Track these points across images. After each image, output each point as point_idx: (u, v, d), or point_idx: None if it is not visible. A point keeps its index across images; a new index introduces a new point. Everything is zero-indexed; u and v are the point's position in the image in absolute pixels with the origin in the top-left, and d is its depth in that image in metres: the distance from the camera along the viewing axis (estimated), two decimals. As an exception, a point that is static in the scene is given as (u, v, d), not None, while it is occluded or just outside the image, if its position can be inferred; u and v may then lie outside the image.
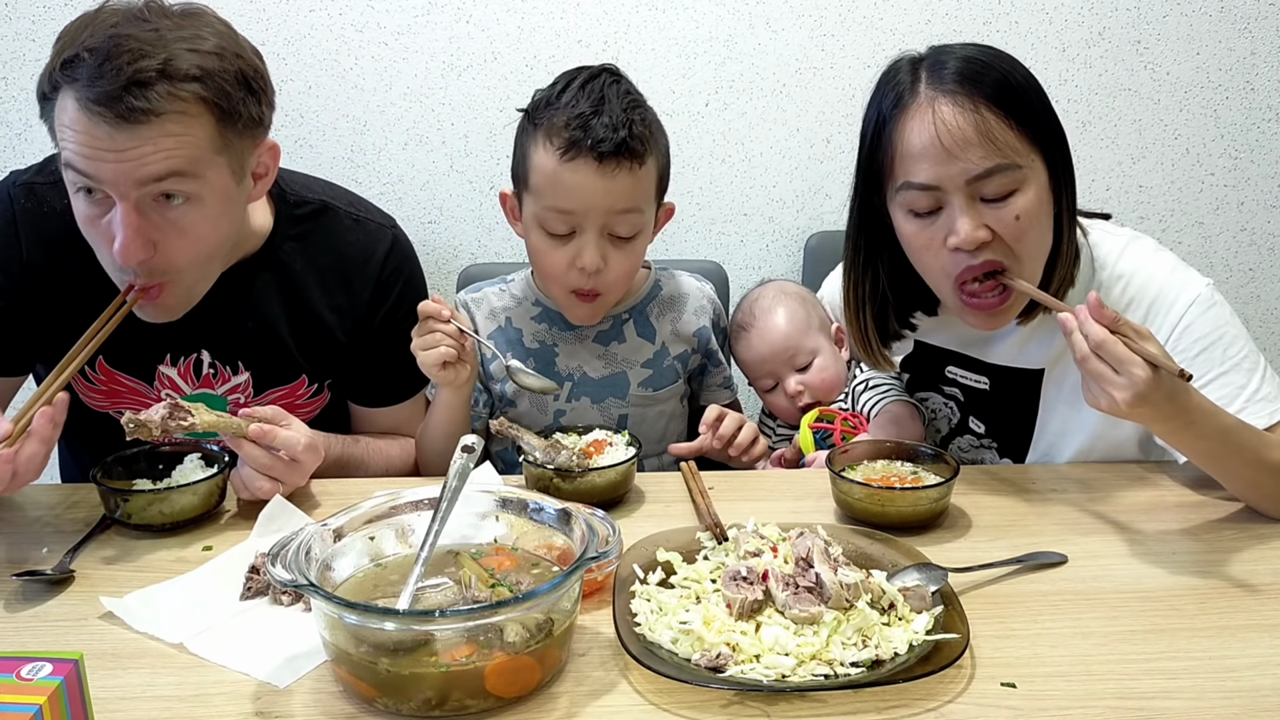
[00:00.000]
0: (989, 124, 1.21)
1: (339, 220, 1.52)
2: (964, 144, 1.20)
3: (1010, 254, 1.25)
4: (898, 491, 1.22)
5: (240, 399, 1.49)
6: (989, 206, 1.23)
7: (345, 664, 0.89)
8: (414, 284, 1.56)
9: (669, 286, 1.61)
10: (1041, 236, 1.27)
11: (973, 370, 1.46)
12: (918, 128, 1.23)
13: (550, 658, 0.92)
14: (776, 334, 1.63)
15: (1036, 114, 1.24)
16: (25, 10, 2.00)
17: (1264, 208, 2.21)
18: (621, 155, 1.38)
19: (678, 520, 1.23)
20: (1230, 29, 2.09)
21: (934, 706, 0.89)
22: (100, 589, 1.08)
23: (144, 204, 1.21)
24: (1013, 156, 1.21)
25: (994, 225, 1.23)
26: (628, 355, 1.56)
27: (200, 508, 1.24)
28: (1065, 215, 1.29)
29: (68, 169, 1.22)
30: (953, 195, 1.23)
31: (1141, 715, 0.88)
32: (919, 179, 1.23)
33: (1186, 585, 1.10)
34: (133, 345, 1.42)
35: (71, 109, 1.17)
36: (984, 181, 1.22)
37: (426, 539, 0.99)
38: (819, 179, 2.15)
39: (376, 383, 1.57)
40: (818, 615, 0.96)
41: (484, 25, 2.04)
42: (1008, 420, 1.46)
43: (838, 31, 2.07)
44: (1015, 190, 1.23)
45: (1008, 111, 1.21)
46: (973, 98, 1.21)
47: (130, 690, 0.93)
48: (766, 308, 1.65)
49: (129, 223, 1.20)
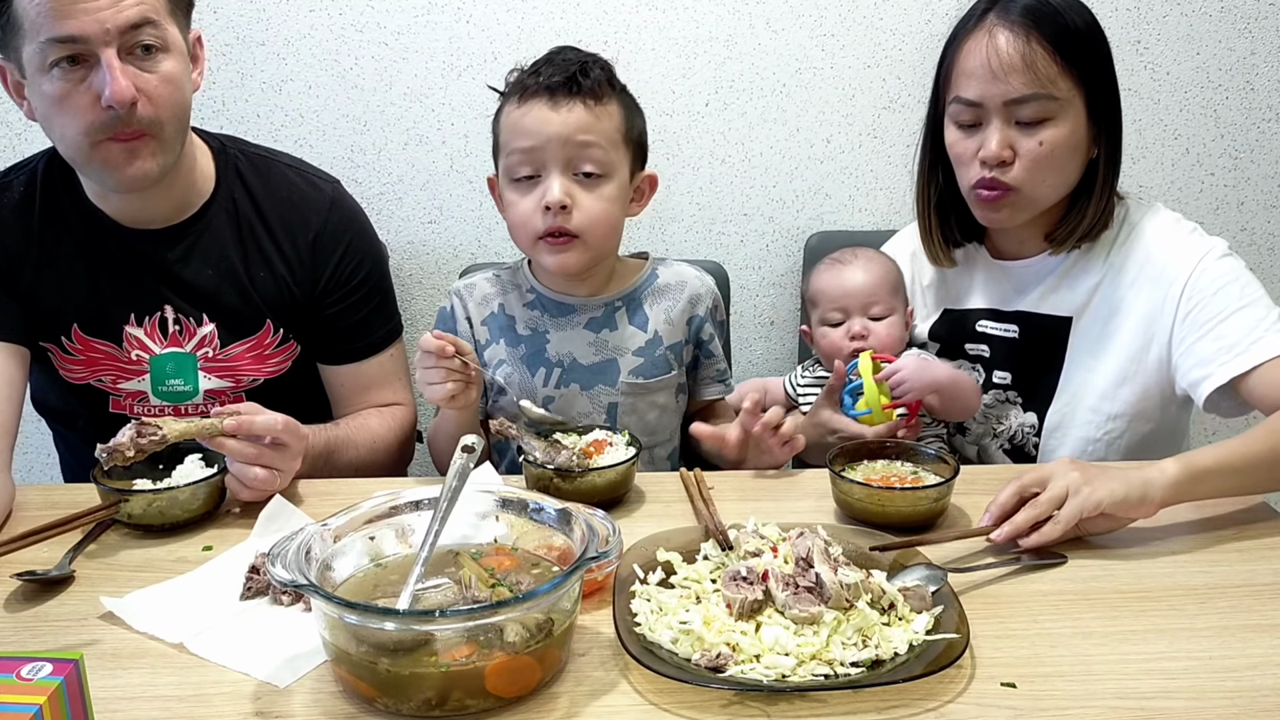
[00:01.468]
0: (1035, 55, 1.36)
1: (280, 172, 1.57)
2: (1009, 69, 1.36)
3: (1027, 179, 1.41)
4: (898, 491, 1.22)
5: (208, 352, 1.51)
6: (1021, 131, 1.39)
7: (345, 664, 0.89)
8: (359, 243, 1.58)
9: (666, 275, 1.59)
10: (1062, 169, 1.42)
11: (1002, 321, 1.57)
12: (974, 49, 1.40)
13: (550, 658, 0.92)
14: (869, 276, 1.60)
15: (1085, 58, 1.39)
16: (25, 10, 1.99)
17: (1264, 208, 2.21)
18: (573, 90, 1.40)
19: (678, 520, 1.23)
20: (1230, 29, 2.09)
21: (934, 706, 0.89)
22: (100, 589, 1.08)
23: (124, 54, 1.31)
24: (1050, 88, 1.37)
25: (1019, 148, 1.40)
26: (619, 343, 1.54)
27: (200, 508, 1.25)
28: (1103, 163, 1.44)
29: (46, 44, 1.28)
30: (992, 113, 1.40)
31: (1141, 715, 0.88)
32: (966, 94, 1.41)
33: (1186, 585, 1.10)
34: (99, 308, 1.48)
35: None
36: (1020, 106, 1.38)
37: (426, 539, 0.99)
38: (819, 179, 2.15)
39: (335, 339, 1.59)
40: (818, 615, 0.96)
41: (484, 25, 2.04)
42: (1034, 369, 1.55)
43: (838, 31, 2.07)
44: (1048, 119, 1.38)
45: (1056, 48, 1.36)
46: (1027, 30, 1.36)
47: (130, 690, 0.93)
48: (869, 256, 1.63)
49: (116, 66, 1.29)
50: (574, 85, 1.40)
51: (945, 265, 1.61)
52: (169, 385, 1.52)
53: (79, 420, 1.58)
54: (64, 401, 1.57)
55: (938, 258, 1.60)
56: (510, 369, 1.54)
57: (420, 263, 2.17)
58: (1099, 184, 1.45)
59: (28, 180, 1.48)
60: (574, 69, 1.41)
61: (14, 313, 1.45)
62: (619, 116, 1.45)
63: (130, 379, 1.52)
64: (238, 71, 2.03)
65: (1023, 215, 1.46)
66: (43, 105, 1.34)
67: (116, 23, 1.28)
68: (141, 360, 1.51)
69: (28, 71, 1.33)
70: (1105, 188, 1.45)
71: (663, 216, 2.15)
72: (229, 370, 1.54)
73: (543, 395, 1.53)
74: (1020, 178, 1.41)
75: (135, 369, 1.51)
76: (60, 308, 1.48)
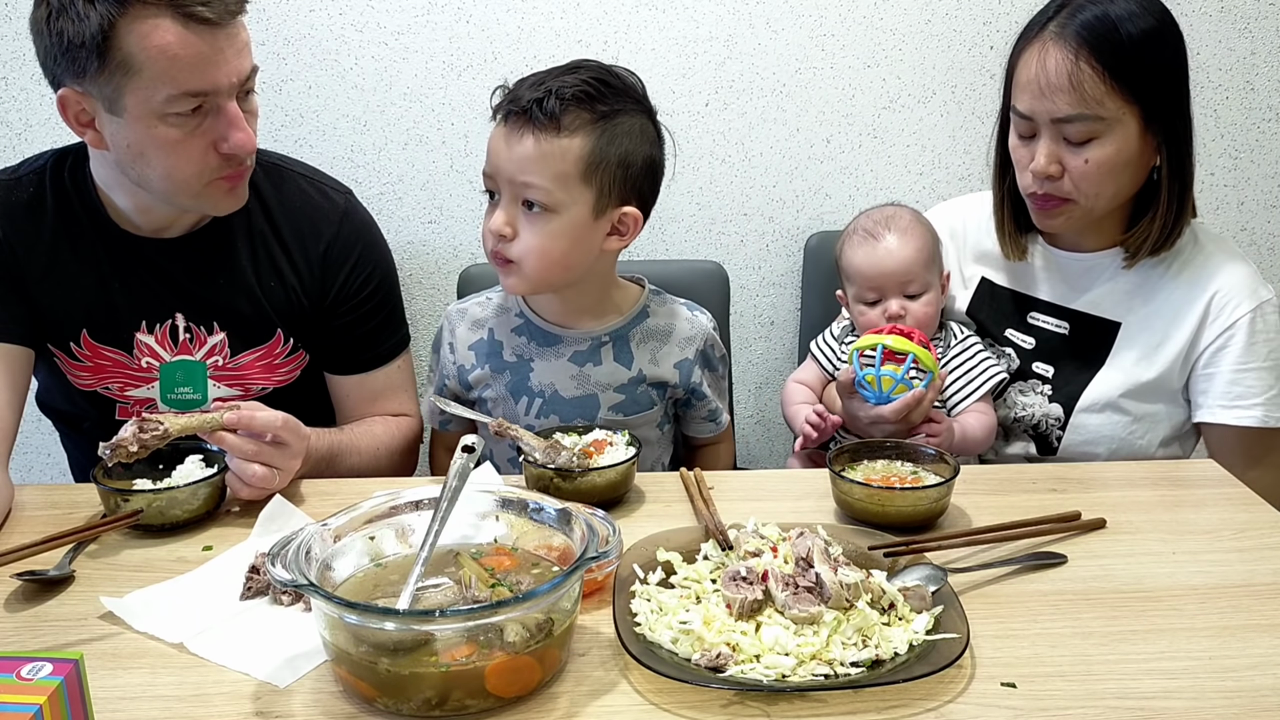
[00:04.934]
0: (1083, 75, 1.36)
1: (294, 181, 1.56)
2: (1055, 89, 1.38)
3: (1079, 192, 1.43)
4: (898, 491, 1.22)
5: (218, 360, 1.51)
6: (1069, 147, 1.41)
7: (345, 664, 0.89)
8: (370, 255, 1.58)
9: (657, 316, 1.55)
10: (1115, 181, 1.43)
11: (1054, 315, 1.59)
12: (1029, 62, 1.41)
13: (550, 658, 0.92)
14: (904, 255, 1.55)
15: (1140, 73, 1.38)
16: (25, 10, 1.99)
17: (1264, 208, 2.20)
18: (528, 120, 1.35)
19: (678, 520, 1.23)
20: (1230, 29, 2.09)
21: (934, 706, 0.89)
22: (100, 589, 1.08)
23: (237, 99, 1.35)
24: (1096, 109, 1.37)
25: (1067, 164, 1.42)
26: (601, 379, 1.51)
27: (200, 508, 1.24)
28: (1166, 175, 1.44)
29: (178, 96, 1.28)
30: (1041, 128, 1.42)
31: (1141, 715, 0.88)
32: (1020, 107, 1.44)
33: (1186, 585, 1.10)
34: (110, 315, 1.48)
35: (172, 30, 1.25)
36: (1066, 125, 1.39)
37: (426, 539, 0.99)
38: (819, 179, 2.15)
39: (344, 349, 1.59)
40: (818, 615, 0.96)
41: (484, 25, 2.04)
42: (1074, 366, 1.57)
43: (838, 31, 2.07)
44: (1095, 138, 1.39)
45: (1107, 68, 1.36)
46: (1078, 48, 1.36)
47: (130, 690, 0.93)
48: (903, 227, 1.58)
49: (241, 116, 1.34)
50: (529, 114, 1.35)
51: (1015, 259, 1.61)
52: (178, 393, 1.52)
53: (85, 423, 1.58)
54: (70, 404, 1.57)
55: (1009, 252, 1.61)
56: (494, 394, 1.53)
57: (420, 263, 2.17)
58: (1164, 195, 1.45)
59: (38, 181, 1.47)
60: (538, 94, 1.35)
61: (19, 314, 1.44)
62: (584, 150, 1.36)
63: (139, 386, 1.52)
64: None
65: (1079, 223, 1.49)
66: (143, 146, 1.32)
67: (241, 74, 1.33)
68: (151, 367, 1.51)
69: (125, 110, 1.29)
70: (1172, 198, 1.45)
71: (663, 216, 2.15)
72: (238, 379, 1.54)
73: (524, 424, 1.52)
74: (1071, 191, 1.43)
75: (145, 376, 1.51)
76: (69, 313, 1.47)
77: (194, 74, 1.27)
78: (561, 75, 1.38)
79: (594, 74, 1.39)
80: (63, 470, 2.22)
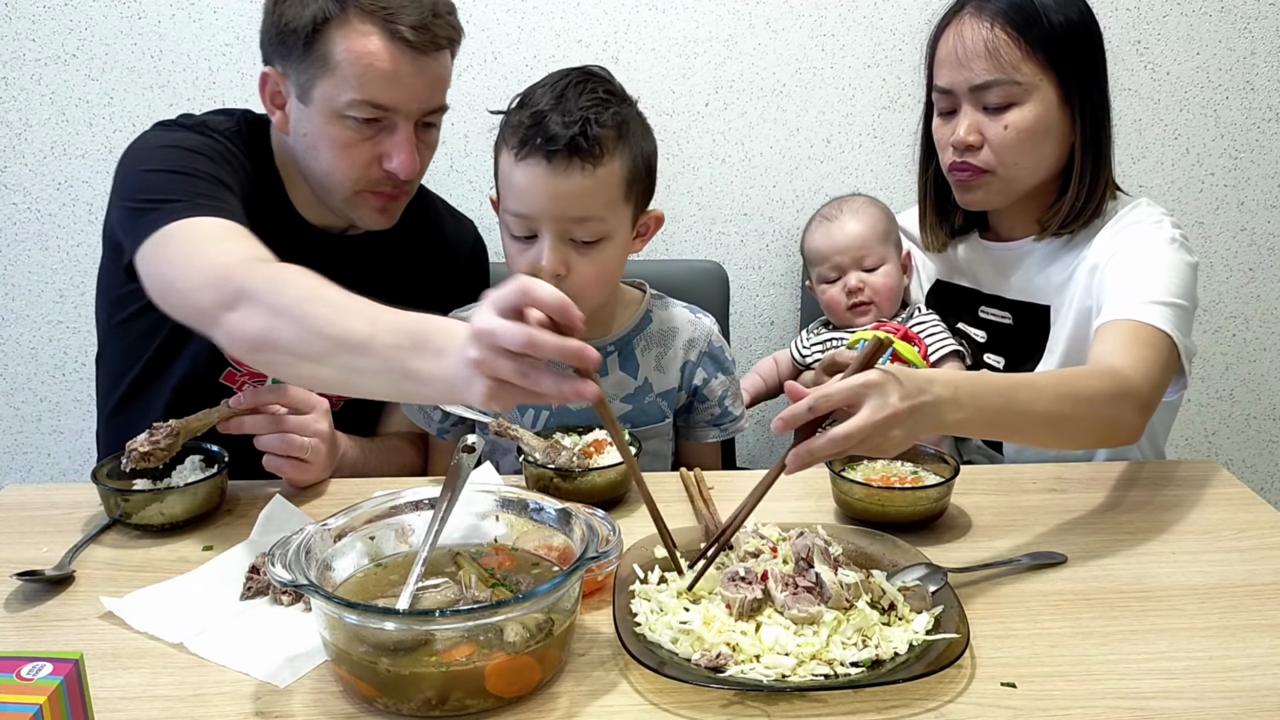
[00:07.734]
0: (998, 41, 1.40)
1: (435, 204, 1.63)
2: (973, 55, 1.41)
3: (999, 162, 1.45)
4: (898, 491, 1.22)
5: None
6: (988, 116, 1.44)
7: (345, 664, 0.89)
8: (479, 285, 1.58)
9: (659, 319, 1.53)
10: (1034, 151, 1.44)
11: (998, 307, 1.62)
12: (949, 38, 1.45)
13: (550, 658, 0.92)
14: (856, 229, 1.70)
15: (1056, 43, 1.41)
16: (25, 10, 1.99)
17: (1264, 208, 2.21)
18: (574, 154, 1.29)
19: (678, 520, 1.23)
20: (1230, 29, 2.09)
21: (934, 706, 0.89)
22: (100, 589, 1.08)
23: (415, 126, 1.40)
24: (1012, 73, 1.40)
25: (987, 132, 1.44)
26: (608, 389, 1.48)
27: (200, 508, 1.24)
28: (1080, 147, 1.45)
29: (358, 101, 1.34)
30: (961, 99, 1.45)
31: (1141, 715, 0.88)
32: (940, 82, 1.47)
33: (1186, 585, 1.10)
34: None
35: (377, 42, 1.32)
36: (985, 91, 1.42)
37: (426, 539, 0.99)
38: (819, 179, 2.15)
39: None
40: (818, 615, 0.96)
41: (484, 25, 2.04)
42: (1021, 355, 1.58)
43: (838, 31, 2.07)
44: (1014, 104, 1.42)
45: (1021, 34, 1.40)
46: (993, 17, 1.41)
47: (130, 690, 0.93)
48: (855, 208, 1.72)
49: (413, 141, 1.40)
50: (575, 147, 1.29)
51: (935, 250, 1.68)
52: None
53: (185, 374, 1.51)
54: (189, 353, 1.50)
55: (930, 242, 1.66)
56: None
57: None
58: (1077, 168, 1.46)
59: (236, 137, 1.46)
60: (577, 126, 1.29)
61: None
62: (623, 169, 1.34)
63: None
64: (238, 71, 2.03)
65: (1000, 197, 1.50)
66: (316, 139, 1.39)
67: (425, 105, 1.39)
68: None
69: (311, 101, 1.36)
70: (1085, 172, 1.46)
71: (663, 216, 2.15)
72: None
73: None
74: (990, 160, 1.45)
75: None
76: None
77: (380, 87, 1.33)
78: (579, 97, 1.33)
79: (600, 85, 1.36)
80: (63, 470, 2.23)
